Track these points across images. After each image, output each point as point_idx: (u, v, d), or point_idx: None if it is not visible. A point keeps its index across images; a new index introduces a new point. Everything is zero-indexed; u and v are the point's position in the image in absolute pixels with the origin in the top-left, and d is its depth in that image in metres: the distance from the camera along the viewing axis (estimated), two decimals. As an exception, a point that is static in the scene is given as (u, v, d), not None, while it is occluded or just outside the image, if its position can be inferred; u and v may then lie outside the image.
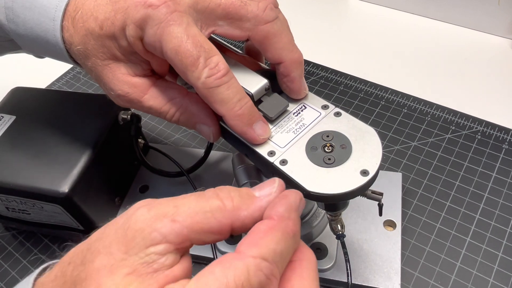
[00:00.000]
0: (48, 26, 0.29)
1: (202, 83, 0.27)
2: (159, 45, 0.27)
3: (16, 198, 0.38)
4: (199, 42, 0.26)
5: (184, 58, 0.26)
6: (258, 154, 0.28)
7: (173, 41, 0.26)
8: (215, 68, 0.27)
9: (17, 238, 0.45)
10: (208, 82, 0.27)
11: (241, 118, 0.28)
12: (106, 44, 0.28)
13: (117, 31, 0.28)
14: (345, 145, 0.27)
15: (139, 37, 0.27)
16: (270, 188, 0.22)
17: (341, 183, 0.26)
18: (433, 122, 0.48)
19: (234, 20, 0.28)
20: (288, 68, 0.29)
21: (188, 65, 0.26)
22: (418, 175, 0.44)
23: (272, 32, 0.29)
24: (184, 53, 0.26)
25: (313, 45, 0.61)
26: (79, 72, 0.63)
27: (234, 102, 0.27)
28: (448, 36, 0.59)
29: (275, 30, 0.29)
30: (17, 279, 0.42)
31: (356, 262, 0.37)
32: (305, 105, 0.30)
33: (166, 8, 0.26)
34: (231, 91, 0.27)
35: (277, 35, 0.29)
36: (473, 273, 0.37)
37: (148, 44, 0.27)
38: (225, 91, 0.27)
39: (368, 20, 0.64)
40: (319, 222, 0.37)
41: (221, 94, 0.27)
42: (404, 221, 0.40)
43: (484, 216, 0.40)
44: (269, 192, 0.22)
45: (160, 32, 0.26)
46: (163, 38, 0.26)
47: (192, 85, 0.27)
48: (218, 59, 0.27)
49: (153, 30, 0.27)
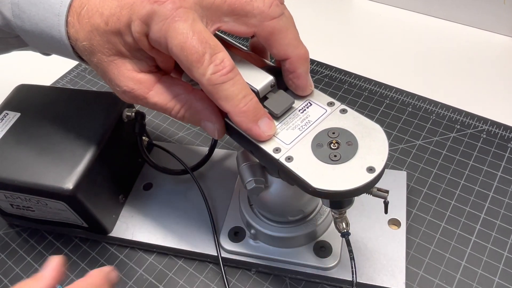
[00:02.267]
0: (53, 22, 0.29)
1: (207, 79, 0.27)
2: (164, 41, 0.27)
3: (21, 195, 0.38)
4: (204, 38, 0.26)
5: (190, 55, 0.26)
6: (264, 151, 0.28)
7: (179, 37, 0.26)
8: (220, 64, 0.27)
9: (21, 235, 0.45)
10: (213, 79, 0.27)
11: (246, 115, 0.28)
12: (112, 40, 0.28)
13: (122, 27, 0.28)
14: (351, 142, 0.27)
15: (145, 33, 0.27)
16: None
17: (347, 180, 0.26)
18: (438, 121, 0.48)
19: (239, 16, 0.28)
20: (294, 65, 0.29)
21: (193, 61, 0.26)
22: (423, 174, 0.44)
23: (278, 28, 0.28)
24: (190, 50, 0.26)
25: (318, 44, 0.61)
26: (83, 69, 0.63)
27: (239, 99, 0.27)
28: (453, 34, 0.58)
29: (281, 26, 0.29)
30: (21, 276, 0.42)
31: (361, 260, 0.37)
32: (310, 102, 0.30)
33: (172, 4, 0.26)
34: (236, 87, 0.27)
35: (283, 31, 0.29)
36: (478, 272, 0.36)
37: (154, 40, 0.27)
38: (230, 87, 0.27)
39: (372, 18, 0.64)
40: (324, 220, 0.37)
41: (226, 91, 0.27)
42: (409, 220, 0.40)
43: (489, 215, 0.40)
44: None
45: (165, 28, 0.26)
46: (169, 34, 0.26)
47: (197, 82, 0.27)
48: (223, 55, 0.27)
49: (158, 26, 0.26)
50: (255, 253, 0.38)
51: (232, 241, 0.39)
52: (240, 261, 0.39)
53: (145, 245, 0.41)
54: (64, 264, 0.29)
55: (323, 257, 0.37)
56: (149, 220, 0.42)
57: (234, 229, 0.40)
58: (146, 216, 0.43)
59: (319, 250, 0.37)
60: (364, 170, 0.26)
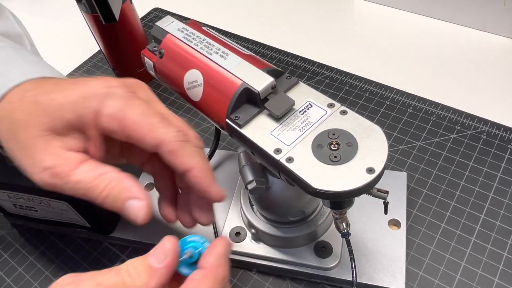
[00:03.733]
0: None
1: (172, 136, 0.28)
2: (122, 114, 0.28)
3: (24, 195, 0.39)
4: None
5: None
6: (264, 152, 0.29)
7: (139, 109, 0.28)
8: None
9: (24, 235, 0.46)
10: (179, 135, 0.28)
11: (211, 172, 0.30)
12: (53, 114, 0.28)
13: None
14: (351, 143, 0.28)
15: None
16: (163, 255, 0.26)
17: (347, 181, 0.26)
18: (438, 122, 0.48)
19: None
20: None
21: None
22: (423, 175, 0.44)
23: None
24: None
25: (319, 45, 0.61)
26: (85, 71, 0.64)
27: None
28: (454, 36, 0.59)
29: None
30: (23, 276, 0.42)
31: (361, 260, 0.37)
32: (311, 103, 0.30)
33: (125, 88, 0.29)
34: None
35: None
36: (478, 273, 0.37)
37: (107, 116, 0.28)
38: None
39: (373, 20, 0.64)
40: (324, 221, 0.37)
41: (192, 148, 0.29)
42: (409, 221, 0.40)
43: (489, 216, 0.40)
44: (163, 259, 0.26)
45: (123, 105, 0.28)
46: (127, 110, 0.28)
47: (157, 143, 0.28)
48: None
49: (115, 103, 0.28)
50: (256, 253, 0.38)
51: (233, 241, 0.39)
52: (241, 261, 0.39)
53: (147, 245, 0.41)
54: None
55: (323, 257, 0.37)
56: (151, 220, 0.42)
57: (235, 229, 0.40)
58: (148, 216, 0.43)
59: (320, 250, 0.37)
60: (364, 170, 0.26)
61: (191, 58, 0.33)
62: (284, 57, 0.59)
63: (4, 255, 0.44)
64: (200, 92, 0.32)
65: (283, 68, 0.57)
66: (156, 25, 0.36)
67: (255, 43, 0.62)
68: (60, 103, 0.28)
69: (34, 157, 0.28)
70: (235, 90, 0.30)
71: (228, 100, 0.30)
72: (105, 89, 0.28)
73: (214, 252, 0.27)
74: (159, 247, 0.26)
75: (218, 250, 0.27)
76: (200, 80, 0.32)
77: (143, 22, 0.70)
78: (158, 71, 0.36)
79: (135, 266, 0.25)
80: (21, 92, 0.29)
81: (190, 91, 0.33)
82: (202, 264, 0.26)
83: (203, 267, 0.26)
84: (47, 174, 0.28)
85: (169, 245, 0.26)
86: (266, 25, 0.66)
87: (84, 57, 0.66)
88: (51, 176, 0.28)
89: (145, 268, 0.25)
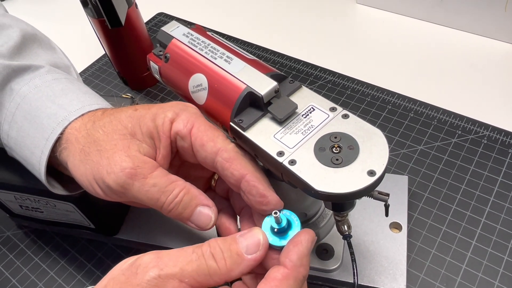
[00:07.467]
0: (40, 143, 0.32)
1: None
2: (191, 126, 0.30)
3: (30, 196, 0.39)
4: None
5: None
6: (267, 155, 0.29)
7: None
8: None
9: (29, 236, 0.46)
10: (235, 147, 0.30)
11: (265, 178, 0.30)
12: (138, 120, 0.31)
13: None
14: (352, 146, 0.28)
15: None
16: (256, 247, 0.25)
17: (349, 183, 0.26)
18: (440, 127, 0.49)
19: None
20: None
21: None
22: (424, 179, 0.44)
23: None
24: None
25: (321, 50, 0.62)
26: (91, 74, 0.64)
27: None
28: (455, 41, 0.59)
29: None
30: (29, 276, 0.43)
31: (362, 263, 0.37)
32: (313, 107, 0.31)
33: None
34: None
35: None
36: (479, 276, 0.37)
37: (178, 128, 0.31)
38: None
39: (376, 25, 0.64)
40: (326, 223, 0.38)
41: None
42: (410, 224, 0.41)
43: (490, 220, 0.40)
44: (255, 250, 0.25)
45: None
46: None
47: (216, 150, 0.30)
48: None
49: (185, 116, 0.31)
50: (259, 255, 0.39)
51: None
52: (244, 263, 0.39)
53: (151, 246, 0.42)
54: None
55: (325, 259, 0.37)
56: (155, 222, 0.43)
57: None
58: (152, 217, 0.43)
59: (321, 252, 0.38)
60: (365, 173, 0.27)
61: (196, 63, 0.33)
62: (287, 61, 0.60)
63: (9, 256, 0.45)
64: (204, 95, 0.33)
65: (286, 72, 0.58)
66: (161, 30, 0.37)
67: (259, 48, 0.63)
68: (142, 114, 0.31)
69: (114, 157, 0.29)
70: (239, 94, 0.30)
71: (232, 103, 0.31)
72: (182, 105, 0.31)
73: (297, 250, 0.26)
74: (251, 237, 0.26)
75: (301, 249, 0.26)
76: (205, 84, 0.33)
77: (148, 27, 0.71)
78: (163, 75, 0.37)
79: (222, 250, 0.25)
80: (83, 122, 0.32)
81: (194, 94, 0.34)
82: (284, 261, 0.25)
83: (285, 265, 0.25)
84: (125, 174, 0.29)
85: (264, 240, 0.26)
86: (270, 30, 0.67)
87: (90, 61, 0.67)
88: (128, 177, 0.29)
89: (232, 254, 0.25)
